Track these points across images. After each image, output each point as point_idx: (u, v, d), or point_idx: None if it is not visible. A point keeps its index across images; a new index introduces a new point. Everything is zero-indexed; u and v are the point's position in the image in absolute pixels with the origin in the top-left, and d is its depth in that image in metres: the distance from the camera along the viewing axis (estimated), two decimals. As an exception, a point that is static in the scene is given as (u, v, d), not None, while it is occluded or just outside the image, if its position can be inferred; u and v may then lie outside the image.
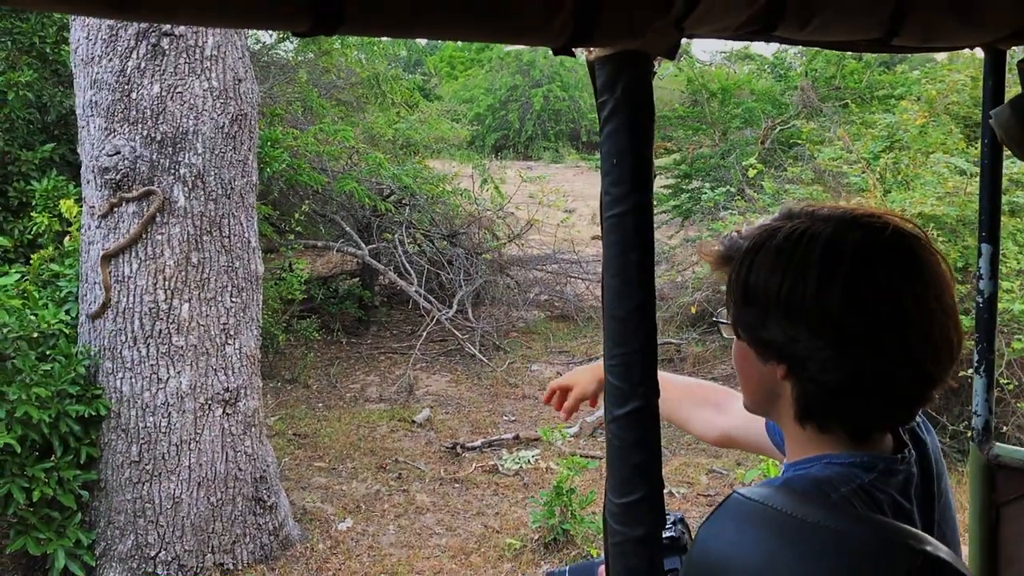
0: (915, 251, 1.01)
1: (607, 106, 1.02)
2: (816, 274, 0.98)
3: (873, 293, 0.97)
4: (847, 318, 0.97)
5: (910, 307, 0.97)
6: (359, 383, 7.63)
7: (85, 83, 4.33)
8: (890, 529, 0.85)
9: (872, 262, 0.98)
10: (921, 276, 0.99)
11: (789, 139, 9.94)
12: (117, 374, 4.34)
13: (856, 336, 0.97)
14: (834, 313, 0.97)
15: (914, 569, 0.77)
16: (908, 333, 0.97)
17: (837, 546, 0.82)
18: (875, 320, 0.97)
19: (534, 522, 4.83)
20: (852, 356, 0.97)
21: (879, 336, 0.97)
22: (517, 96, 25.63)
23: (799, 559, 0.82)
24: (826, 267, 0.98)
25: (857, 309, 0.97)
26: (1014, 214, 5.90)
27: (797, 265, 1.00)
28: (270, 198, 7.72)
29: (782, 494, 0.92)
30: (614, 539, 1.10)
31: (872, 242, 1.00)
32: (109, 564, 4.37)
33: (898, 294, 0.97)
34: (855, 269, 0.98)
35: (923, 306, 0.98)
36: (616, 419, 1.07)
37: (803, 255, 1.00)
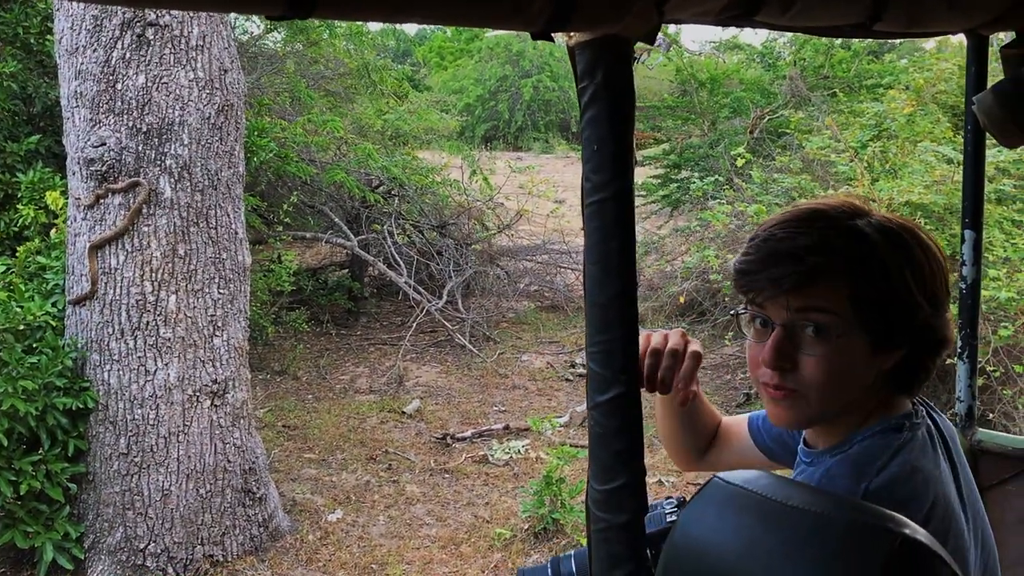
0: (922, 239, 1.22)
1: (587, 92, 1.01)
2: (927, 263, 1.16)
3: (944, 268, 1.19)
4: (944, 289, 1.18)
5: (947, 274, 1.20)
6: (349, 374, 7.62)
7: (70, 74, 4.29)
8: (870, 512, 0.85)
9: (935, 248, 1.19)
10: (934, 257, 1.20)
11: (778, 128, 9.95)
12: (104, 366, 4.32)
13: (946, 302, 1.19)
14: (941, 288, 1.17)
15: (893, 551, 0.77)
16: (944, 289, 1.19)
17: (817, 530, 0.82)
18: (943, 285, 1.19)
19: (524, 511, 4.84)
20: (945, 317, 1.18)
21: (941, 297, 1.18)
22: (507, 86, 25.61)
23: (780, 543, 0.82)
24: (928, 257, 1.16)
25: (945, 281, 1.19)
26: (1000, 202, 5.93)
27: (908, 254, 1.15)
28: (258, 189, 7.69)
29: (765, 478, 0.93)
30: (597, 526, 1.09)
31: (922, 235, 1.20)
32: (98, 557, 4.35)
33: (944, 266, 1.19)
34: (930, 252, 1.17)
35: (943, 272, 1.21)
36: (598, 406, 1.07)
37: (908, 245, 1.16)
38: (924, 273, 1.15)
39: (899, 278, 1.13)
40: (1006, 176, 5.99)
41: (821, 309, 1.12)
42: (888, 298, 1.12)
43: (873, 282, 1.12)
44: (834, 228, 1.15)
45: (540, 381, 7.51)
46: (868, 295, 1.11)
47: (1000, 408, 5.47)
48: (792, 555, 0.81)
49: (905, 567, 0.77)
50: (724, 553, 0.84)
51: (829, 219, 1.16)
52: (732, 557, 0.83)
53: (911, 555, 0.78)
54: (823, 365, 1.14)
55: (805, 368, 1.14)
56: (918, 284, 1.14)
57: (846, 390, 1.16)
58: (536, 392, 7.26)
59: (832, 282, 1.12)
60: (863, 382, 1.16)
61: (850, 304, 1.11)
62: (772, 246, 1.15)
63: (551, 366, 7.86)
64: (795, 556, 0.81)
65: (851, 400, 1.18)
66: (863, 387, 1.16)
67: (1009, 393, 5.40)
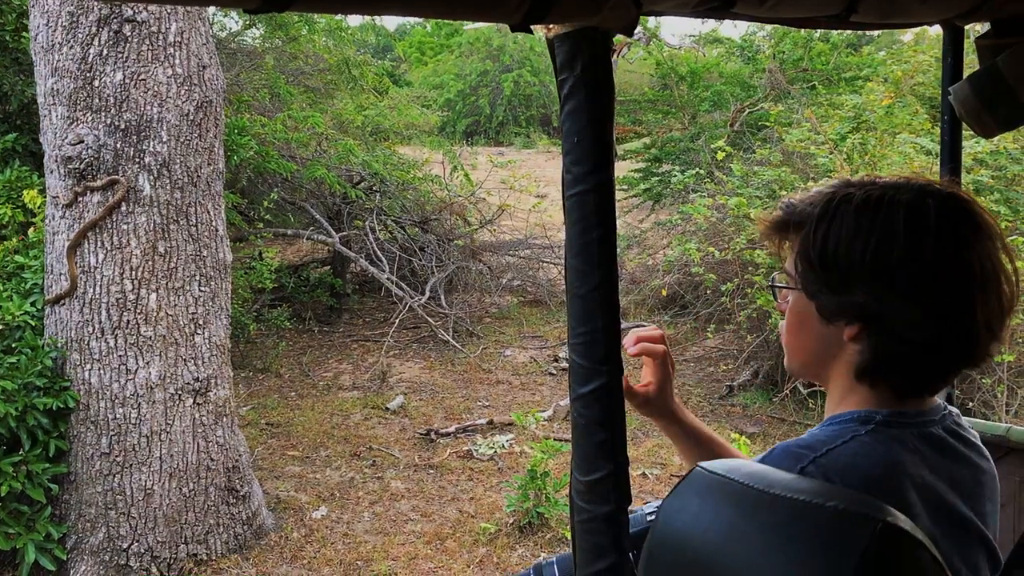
0: (980, 213, 1.07)
1: (567, 84, 1.01)
2: (904, 238, 1.03)
3: (955, 254, 1.03)
4: (933, 278, 1.03)
5: (985, 265, 1.04)
6: (332, 371, 7.61)
7: (46, 71, 4.25)
8: (851, 499, 0.85)
9: (951, 226, 1.04)
10: (987, 235, 1.06)
11: (758, 121, 9.99)
12: (85, 366, 4.29)
13: (941, 294, 1.03)
14: (921, 274, 1.03)
15: (874, 538, 0.78)
16: (985, 292, 1.04)
17: (798, 517, 0.83)
18: (958, 278, 1.03)
19: (509, 506, 4.84)
20: (937, 312, 1.03)
21: (961, 293, 1.03)
22: (487, 81, 25.55)
23: (760, 531, 0.83)
24: (912, 230, 1.03)
25: (943, 270, 1.03)
26: (978, 193, 5.97)
27: (882, 231, 1.04)
28: (238, 186, 7.65)
29: (746, 466, 0.93)
30: (580, 517, 1.10)
31: (948, 207, 1.05)
32: (81, 557, 4.33)
33: (976, 254, 1.04)
34: (939, 232, 1.03)
35: (994, 266, 1.05)
36: (580, 397, 1.07)
37: (886, 220, 1.04)
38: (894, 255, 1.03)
39: (848, 249, 1.06)
40: (983, 167, 6.04)
41: (784, 264, 1.17)
42: (829, 265, 1.08)
43: (819, 246, 1.08)
44: (832, 188, 1.13)
45: (523, 376, 7.52)
46: (810, 257, 1.10)
47: (980, 397, 5.53)
48: (772, 542, 0.82)
49: (885, 553, 0.78)
50: (705, 541, 0.85)
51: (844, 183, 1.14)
52: (713, 545, 0.84)
53: (891, 542, 0.79)
54: (786, 321, 1.18)
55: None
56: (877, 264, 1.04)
57: (805, 351, 1.17)
58: (519, 387, 7.27)
59: (792, 239, 1.14)
60: (823, 351, 1.13)
61: (798, 263, 1.12)
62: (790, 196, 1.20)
63: (534, 360, 7.87)
64: (775, 543, 0.81)
65: (819, 368, 1.16)
66: (829, 359, 1.13)
67: (989, 382, 5.46)
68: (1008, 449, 1.78)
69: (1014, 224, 5.98)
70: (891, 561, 0.78)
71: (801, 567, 0.79)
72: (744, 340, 7.02)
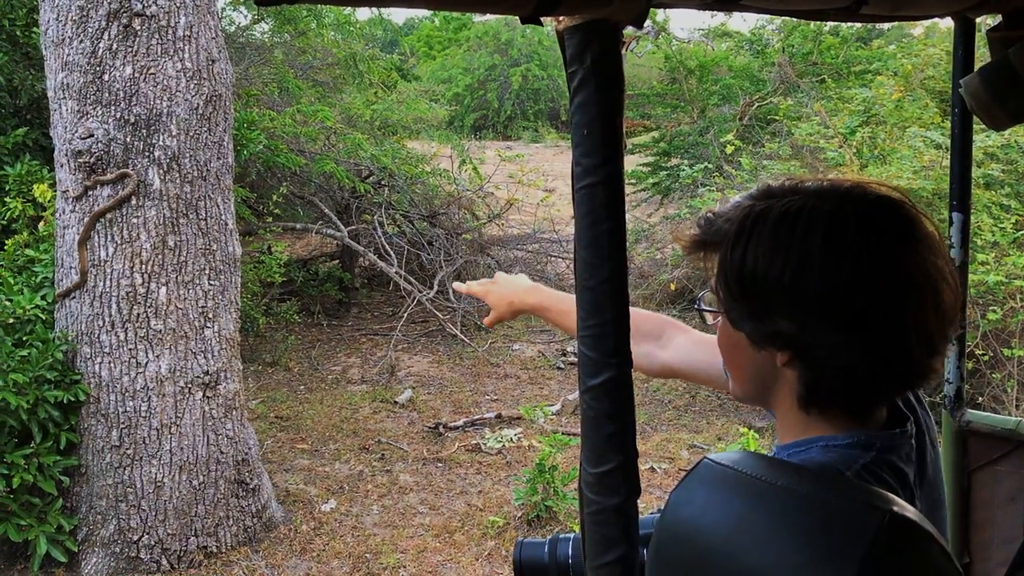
0: (911, 218, 0.97)
1: (577, 76, 1.02)
2: (821, 257, 0.93)
3: (882, 269, 0.93)
4: (858, 299, 0.93)
5: (917, 278, 0.94)
6: (340, 365, 7.62)
7: (56, 65, 4.27)
8: (857, 490, 0.86)
9: (876, 237, 0.94)
10: (921, 243, 0.96)
11: (767, 115, 9.96)
12: (95, 359, 4.31)
13: (867, 316, 0.93)
14: (844, 296, 0.92)
15: (881, 529, 0.78)
16: (918, 304, 0.94)
17: (805, 508, 0.83)
18: (886, 296, 0.93)
19: (517, 499, 4.85)
20: (864, 336, 0.93)
21: (890, 312, 0.93)
22: (495, 75, 25.51)
23: (767, 522, 0.83)
24: (831, 248, 0.93)
25: (868, 288, 0.93)
26: (989, 187, 5.95)
27: (799, 248, 0.94)
28: (247, 181, 7.67)
29: (752, 459, 0.93)
30: (590, 508, 1.10)
31: (873, 216, 0.96)
32: (92, 549, 4.35)
33: (906, 267, 0.94)
34: (861, 247, 0.93)
35: (927, 274, 0.95)
36: (590, 389, 1.08)
37: (804, 237, 0.94)
38: (813, 277, 0.93)
39: (766, 272, 0.96)
40: (994, 161, 6.02)
41: (711, 285, 1.07)
42: (748, 291, 0.99)
43: (736, 270, 0.99)
44: (751, 199, 1.02)
45: (532, 370, 7.53)
46: (728, 283, 1.01)
47: (989, 392, 5.51)
48: (780, 533, 0.82)
49: (894, 544, 0.78)
50: (713, 533, 0.85)
51: (764, 192, 1.03)
52: (720, 536, 0.84)
53: (899, 532, 0.79)
54: (719, 343, 1.10)
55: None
56: (796, 288, 0.94)
57: (743, 378, 1.09)
58: (528, 381, 7.27)
59: (712, 259, 1.04)
60: (761, 377, 1.05)
61: (717, 282, 1.03)
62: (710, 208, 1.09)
63: (542, 355, 7.88)
64: (783, 534, 0.82)
65: (763, 394, 1.07)
66: (770, 384, 1.04)
67: (998, 376, 5.44)
68: (1018, 443, 1.77)
69: (1024, 218, 5.96)
70: (900, 552, 0.78)
71: (809, 558, 0.79)
72: (753, 334, 7.00)
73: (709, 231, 1.04)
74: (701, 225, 1.06)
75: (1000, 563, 1.40)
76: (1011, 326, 5.41)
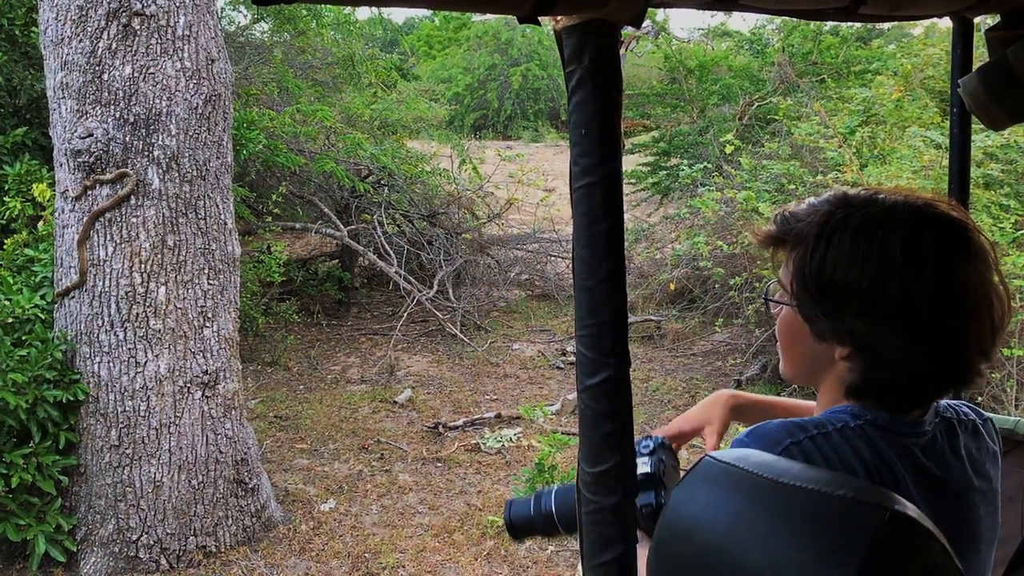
0: (975, 239, 1.06)
1: (574, 76, 1.02)
2: (901, 271, 1.01)
3: (950, 285, 1.02)
4: (927, 310, 1.01)
5: (979, 295, 1.03)
6: (340, 365, 7.62)
7: (55, 64, 4.27)
8: (859, 488, 0.86)
9: (948, 255, 1.03)
10: (984, 262, 1.05)
11: (766, 115, 9.97)
12: (94, 358, 4.31)
13: (933, 326, 1.02)
14: (916, 306, 1.01)
15: (882, 526, 0.78)
16: (977, 319, 1.04)
17: (807, 505, 0.83)
18: (951, 310, 1.02)
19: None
20: (927, 344, 1.03)
21: (954, 325, 1.02)
22: (495, 75, 25.52)
23: (769, 519, 0.83)
24: (908, 261, 1.01)
25: (937, 301, 1.01)
26: (988, 187, 5.95)
27: (879, 260, 1.02)
28: (247, 180, 7.67)
29: (755, 456, 0.93)
30: (587, 508, 1.10)
31: (945, 235, 1.04)
32: (90, 549, 4.35)
33: (970, 284, 1.03)
34: (935, 263, 1.01)
35: (987, 291, 1.04)
36: (587, 389, 1.08)
37: (883, 247, 1.02)
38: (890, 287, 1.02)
39: (845, 277, 1.05)
40: (994, 161, 6.02)
41: (778, 275, 1.16)
42: (825, 291, 1.07)
43: (815, 271, 1.07)
44: (829, 205, 1.11)
45: (531, 369, 7.53)
46: (805, 281, 1.09)
47: (989, 391, 5.51)
48: (781, 530, 0.82)
49: (894, 541, 0.78)
50: (715, 530, 0.85)
51: (835, 198, 1.12)
52: (722, 533, 0.84)
53: (900, 530, 0.79)
54: (778, 330, 1.19)
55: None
56: (873, 294, 1.03)
57: (798, 363, 1.18)
58: (527, 380, 7.27)
59: (788, 253, 1.13)
60: (815, 364, 1.14)
61: (793, 283, 1.11)
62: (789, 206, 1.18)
63: (542, 354, 7.88)
64: (784, 531, 0.82)
65: (812, 379, 1.17)
66: (820, 371, 1.14)
67: (998, 376, 5.44)
68: (1016, 443, 1.77)
69: (1024, 218, 5.96)
70: (900, 549, 0.78)
71: (811, 555, 0.79)
72: (752, 334, 7.01)
73: (786, 229, 1.13)
74: (778, 222, 1.15)
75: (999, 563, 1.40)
76: (1011, 326, 5.41)
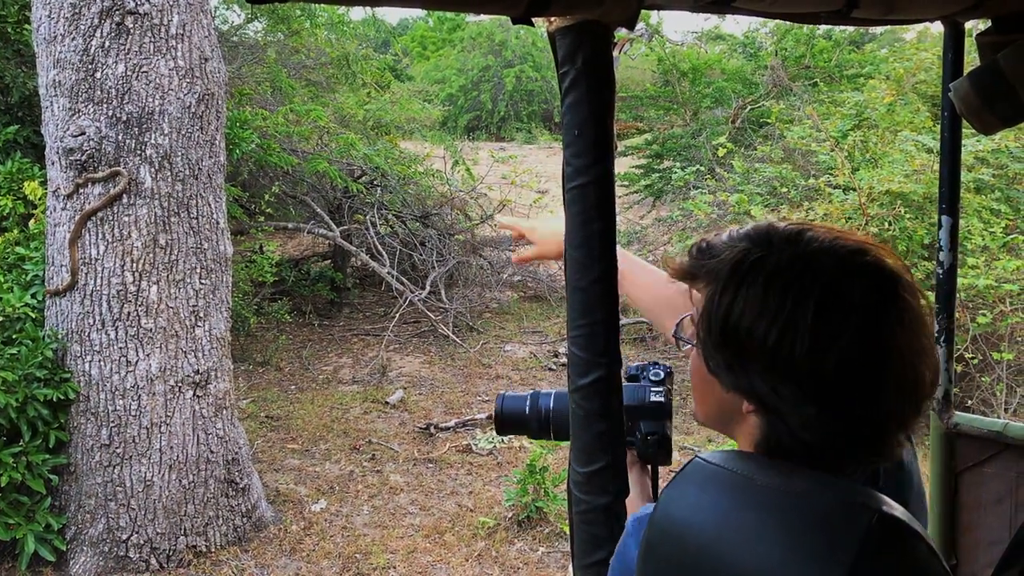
0: (905, 299, 0.93)
1: (568, 77, 1.02)
2: (809, 330, 0.88)
3: (869, 353, 0.89)
4: (841, 379, 0.89)
5: (902, 360, 0.91)
6: (332, 365, 7.61)
7: (48, 62, 4.25)
8: (847, 490, 0.86)
9: (868, 319, 0.90)
10: (912, 326, 0.92)
11: (759, 118, 9.99)
12: (85, 357, 4.30)
13: (846, 395, 0.90)
14: (828, 375, 0.89)
15: (870, 528, 0.79)
16: (900, 390, 0.91)
17: (794, 508, 0.84)
18: (868, 380, 0.90)
19: (507, 500, 4.85)
20: (838, 413, 0.90)
21: (869, 393, 0.90)
22: (489, 76, 25.51)
23: (758, 520, 0.84)
24: (821, 324, 0.89)
25: (851, 370, 0.89)
26: (979, 191, 5.98)
27: (789, 316, 0.89)
28: (239, 180, 7.65)
29: (743, 459, 0.94)
30: (578, 508, 1.11)
31: (868, 295, 0.91)
32: (80, 548, 4.34)
33: (893, 353, 0.90)
34: (852, 329, 0.89)
35: (911, 355, 0.92)
36: (579, 388, 1.08)
37: (795, 305, 0.90)
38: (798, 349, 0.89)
39: (750, 328, 0.92)
40: (984, 165, 6.04)
41: (692, 312, 1.03)
42: (729, 341, 0.94)
43: (720, 317, 0.94)
44: (747, 241, 0.98)
45: (523, 371, 7.53)
46: (711, 326, 0.96)
47: (978, 395, 5.53)
48: (772, 531, 0.82)
49: (883, 542, 0.79)
50: (703, 531, 0.85)
51: (754, 235, 0.99)
52: (711, 535, 0.85)
53: (889, 530, 0.79)
54: (690, 368, 1.06)
55: None
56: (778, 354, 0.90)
57: (707, 408, 1.05)
58: (519, 382, 7.27)
59: (703, 290, 1.00)
60: (725, 413, 1.01)
61: (700, 322, 0.99)
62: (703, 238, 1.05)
63: (534, 356, 7.88)
64: (773, 533, 0.82)
65: (723, 427, 1.04)
66: (731, 421, 1.01)
67: (988, 380, 5.47)
68: (1005, 445, 1.78)
69: (1015, 223, 5.99)
70: (889, 550, 0.79)
71: (802, 556, 0.79)
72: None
73: (699, 264, 1.01)
74: (692, 255, 1.02)
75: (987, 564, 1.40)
76: (1000, 330, 5.44)
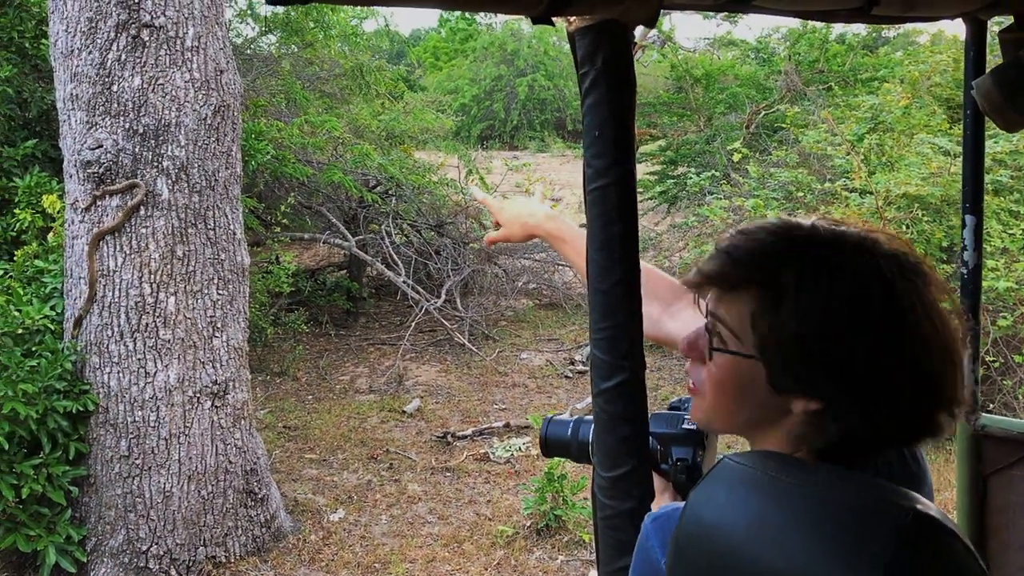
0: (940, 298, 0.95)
1: (588, 77, 1.01)
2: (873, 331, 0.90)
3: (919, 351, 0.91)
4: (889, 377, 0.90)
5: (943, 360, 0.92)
6: (348, 375, 7.62)
7: (65, 76, 4.28)
8: (879, 488, 0.85)
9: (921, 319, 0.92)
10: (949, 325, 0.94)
11: (774, 123, 9.96)
12: (104, 369, 4.31)
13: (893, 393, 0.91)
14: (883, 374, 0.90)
15: (903, 526, 0.77)
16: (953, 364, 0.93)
17: (826, 507, 0.82)
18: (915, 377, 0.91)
19: (526, 509, 4.83)
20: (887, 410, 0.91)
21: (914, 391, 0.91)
22: (502, 86, 25.60)
23: (789, 520, 0.82)
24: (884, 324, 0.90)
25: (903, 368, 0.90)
26: (998, 193, 5.93)
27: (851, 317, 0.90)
28: (255, 191, 7.69)
29: (772, 459, 0.92)
30: (603, 513, 1.09)
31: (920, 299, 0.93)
32: (100, 559, 4.35)
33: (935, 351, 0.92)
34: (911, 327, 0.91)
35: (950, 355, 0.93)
36: (603, 392, 1.07)
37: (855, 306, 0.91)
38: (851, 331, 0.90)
39: (814, 320, 0.91)
40: (1003, 167, 6.00)
41: (723, 319, 0.99)
42: (794, 337, 0.92)
43: (794, 321, 0.92)
44: (788, 243, 0.97)
45: (540, 379, 7.51)
46: (773, 325, 0.93)
47: (1000, 399, 5.48)
48: (804, 530, 0.81)
49: (919, 540, 0.77)
50: (733, 533, 0.84)
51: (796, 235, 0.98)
52: (741, 535, 0.83)
53: (924, 529, 0.78)
54: (714, 377, 1.01)
55: (706, 372, 1.02)
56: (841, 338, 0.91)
57: (739, 414, 1.01)
58: (536, 390, 7.26)
59: (742, 295, 0.96)
60: (762, 417, 0.98)
61: (751, 326, 0.95)
62: (726, 240, 1.02)
63: (550, 363, 7.86)
64: (805, 532, 0.81)
65: (750, 431, 1.02)
66: (766, 424, 0.98)
67: (1009, 383, 5.42)
68: (1030, 448, 1.76)
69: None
70: (926, 549, 0.77)
71: (836, 556, 0.78)
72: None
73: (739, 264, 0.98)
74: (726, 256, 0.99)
75: (1018, 568, 1.38)
76: (1021, 332, 5.38)
